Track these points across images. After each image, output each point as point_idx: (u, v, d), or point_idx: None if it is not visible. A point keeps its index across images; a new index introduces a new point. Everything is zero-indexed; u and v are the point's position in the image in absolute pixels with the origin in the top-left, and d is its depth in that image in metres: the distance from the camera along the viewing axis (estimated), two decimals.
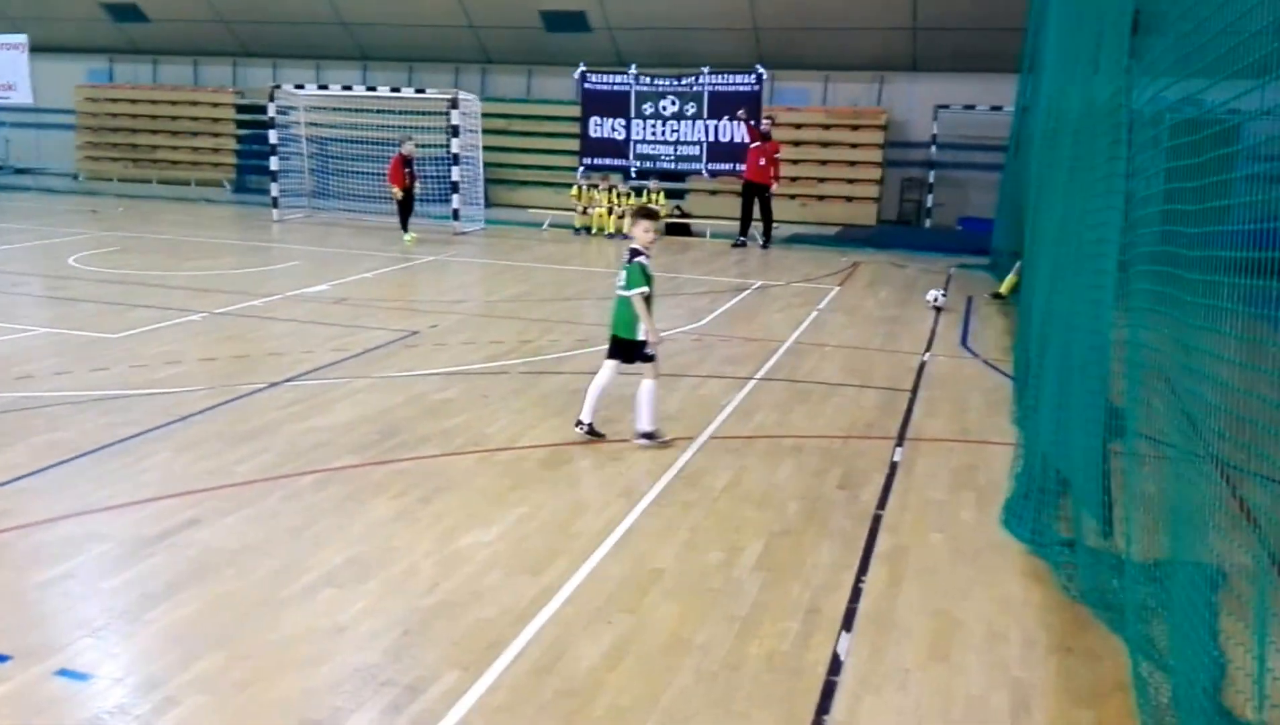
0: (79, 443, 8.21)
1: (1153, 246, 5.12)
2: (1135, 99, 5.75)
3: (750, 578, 6.33)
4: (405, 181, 20.71)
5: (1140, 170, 5.62)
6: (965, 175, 24.25)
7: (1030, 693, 5.18)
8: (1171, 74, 5.05)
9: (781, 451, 8.68)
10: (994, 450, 8.85)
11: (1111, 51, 6.41)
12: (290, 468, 7.85)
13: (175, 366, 10.59)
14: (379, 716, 4.71)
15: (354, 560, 6.29)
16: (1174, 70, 4.99)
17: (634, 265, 8.43)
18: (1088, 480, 6.34)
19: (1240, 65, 3.84)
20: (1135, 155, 5.72)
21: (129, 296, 14.15)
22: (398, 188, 20.71)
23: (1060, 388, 7.11)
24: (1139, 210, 5.53)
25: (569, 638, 5.51)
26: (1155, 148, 5.38)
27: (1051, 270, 8.10)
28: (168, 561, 6.19)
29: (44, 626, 5.42)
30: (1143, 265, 5.28)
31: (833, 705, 5.00)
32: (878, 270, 19.01)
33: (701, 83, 22.61)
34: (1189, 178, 4.49)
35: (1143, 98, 5.60)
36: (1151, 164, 5.41)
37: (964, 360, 12.25)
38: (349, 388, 10.03)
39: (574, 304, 14.82)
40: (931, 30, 23.00)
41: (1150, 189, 5.37)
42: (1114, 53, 6.29)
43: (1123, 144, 5.89)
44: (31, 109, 28.96)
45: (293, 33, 27.68)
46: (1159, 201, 5.11)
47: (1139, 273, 5.35)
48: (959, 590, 6.26)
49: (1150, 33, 5.63)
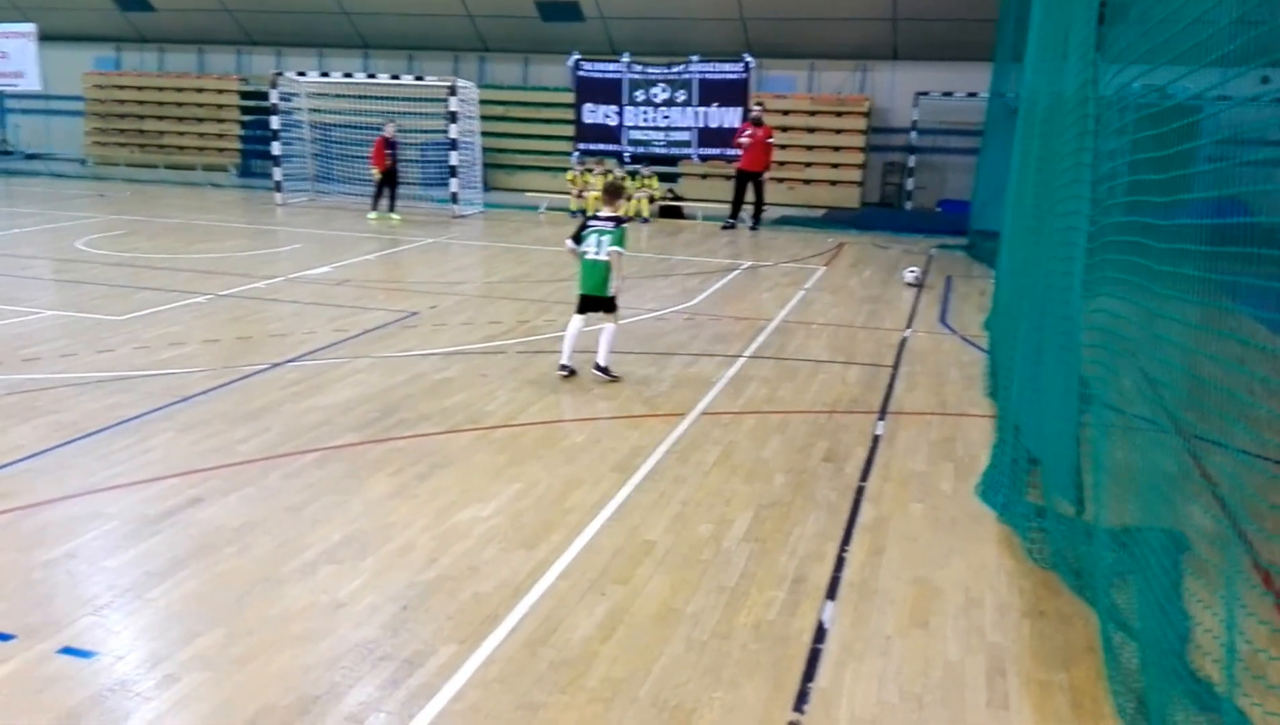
0: (83, 423, 8.33)
1: (1121, 218, 5.26)
2: (1102, 87, 5.88)
3: (739, 549, 6.46)
4: (387, 163, 21.28)
5: (1107, 152, 5.74)
6: (944, 159, 24.86)
7: (1005, 656, 5.32)
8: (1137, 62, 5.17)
9: (769, 426, 8.82)
10: (971, 422, 9.08)
11: (1079, 41, 6.53)
12: (291, 446, 7.96)
13: (179, 348, 10.71)
14: (377, 691, 4.81)
15: (353, 537, 6.40)
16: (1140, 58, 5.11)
17: (620, 229, 9.87)
18: (1059, 459, 6.48)
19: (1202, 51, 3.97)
20: (1103, 139, 5.84)
21: (135, 279, 14.27)
22: (378, 169, 21.37)
23: (1032, 366, 7.25)
24: (1106, 186, 5.66)
25: (563, 610, 5.61)
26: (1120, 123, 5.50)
27: (1023, 251, 8.24)
28: (170, 540, 6.31)
29: (48, 605, 5.52)
30: (1111, 236, 5.41)
31: (817, 672, 5.12)
32: (862, 251, 19.23)
33: (691, 71, 22.83)
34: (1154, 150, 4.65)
35: (1110, 85, 5.72)
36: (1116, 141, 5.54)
37: (943, 336, 12.49)
38: (350, 367, 10.14)
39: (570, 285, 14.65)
40: (911, 20, 23.49)
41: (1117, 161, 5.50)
42: (1082, 43, 6.41)
43: (1090, 134, 6.02)
44: (40, 96, 29.18)
45: (295, 21, 27.74)
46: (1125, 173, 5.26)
47: (1107, 244, 5.48)
48: (937, 559, 6.42)
49: (1116, 23, 5.75)
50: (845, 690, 4.97)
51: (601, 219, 9.97)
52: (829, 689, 4.98)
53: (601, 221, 9.94)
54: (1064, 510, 6.41)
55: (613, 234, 9.74)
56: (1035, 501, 6.87)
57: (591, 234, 9.85)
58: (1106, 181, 5.69)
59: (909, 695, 4.95)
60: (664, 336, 11.86)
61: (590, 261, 9.84)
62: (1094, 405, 5.74)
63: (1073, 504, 6.36)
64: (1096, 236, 5.69)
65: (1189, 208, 4.11)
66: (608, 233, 9.77)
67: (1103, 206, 5.67)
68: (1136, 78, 5.18)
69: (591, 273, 9.85)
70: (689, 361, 10.84)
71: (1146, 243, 4.60)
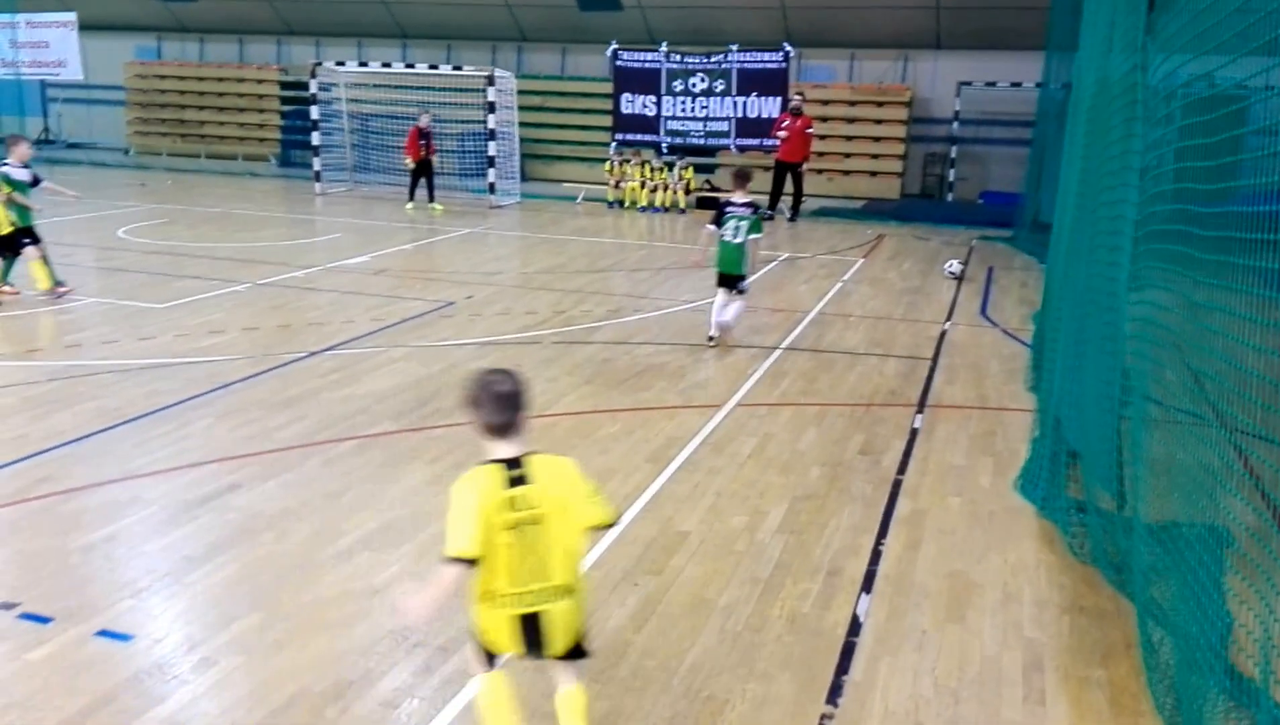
0: (124, 409, 8.43)
1: (1167, 206, 5.17)
2: (1150, 75, 5.78)
3: (773, 541, 6.44)
4: (420, 153, 21.25)
5: (1154, 141, 5.67)
6: (986, 150, 24.60)
7: (1042, 652, 5.27)
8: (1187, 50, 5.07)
9: (806, 418, 8.80)
10: (1011, 416, 9.00)
11: (1127, 28, 6.43)
12: (329, 434, 8.01)
13: (219, 335, 10.80)
14: (411, 677, 4.84)
15: (389, 524, 6.43)
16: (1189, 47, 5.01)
17: (757, 218, 10.90)
18: (1101, 453, 6.40)
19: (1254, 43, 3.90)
20: (1150, 128, 5.76)
21: (176, 267, 14.40)
22: (411, 159, 21.37)
23: (1075, 360, 7.18)
24: (1152, 176, 5.58)
25: (596, 600, 5.58)
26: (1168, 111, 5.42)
27: (1070, 243, 8.16)
28: (208, 525, 6.37)
29: (86, 589, 5.58)
30: (1156, 225, 5.34)
31: (852, 665, 5.10)
32: (901, 243, 19.08)
33: (730, 60, 22.76)
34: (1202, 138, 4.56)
35: (1158, 73, 5.63)
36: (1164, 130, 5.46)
37: (983, 329, 12.40)
38: (386, 357, 10.19)
39: (606, 276, 14.91)
40: (954, 9, 23.22)
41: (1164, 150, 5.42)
42: (1130, 29, 6.31)
43: (1138, 120, 5.92)
44: (82, 85, 29.39)
45: (335, 11, 27.88)
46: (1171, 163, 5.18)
47: (1152, 234, 5.40)
48: (975, 553, 6.38)
49: (1165, 9, 5.64)
50: (879, 684, 4.95)
51: (738, 205, 10.88)
52: (863, 682, 4.96)
53: (739, 208, 10.87)
54: (1105, 504, 6.33)
55: (751, 221, 10.80)
56: (1075, 496, 6.80)
57: (730, 219, 10.82)
58: (1153, 170, 5.61)
59: (944, 689, 4.92)
60: (700, 328, 11.73)
61: (728, 243, 10.82)
62: (1135, 398, 5.67)
63: (1113, 498, 6.29)
64: (1142, 226, 5.62)
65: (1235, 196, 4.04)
66: (746, 220, 10.79)
67: (1149, 196, 5.60)
68: (1184, 65, 5.10)
69: (730, 253, 10.84)
70: (724, 352, 10.84)
71: (1192, 231, 4.53)
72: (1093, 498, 6.45)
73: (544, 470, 3.80)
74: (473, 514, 3.66)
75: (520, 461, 3.78)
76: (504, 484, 3.74)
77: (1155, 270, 5.39)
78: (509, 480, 3.75)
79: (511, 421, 3.76)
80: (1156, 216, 5.37)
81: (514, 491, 3.74)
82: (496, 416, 3.75)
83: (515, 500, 3.74)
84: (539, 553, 3.78)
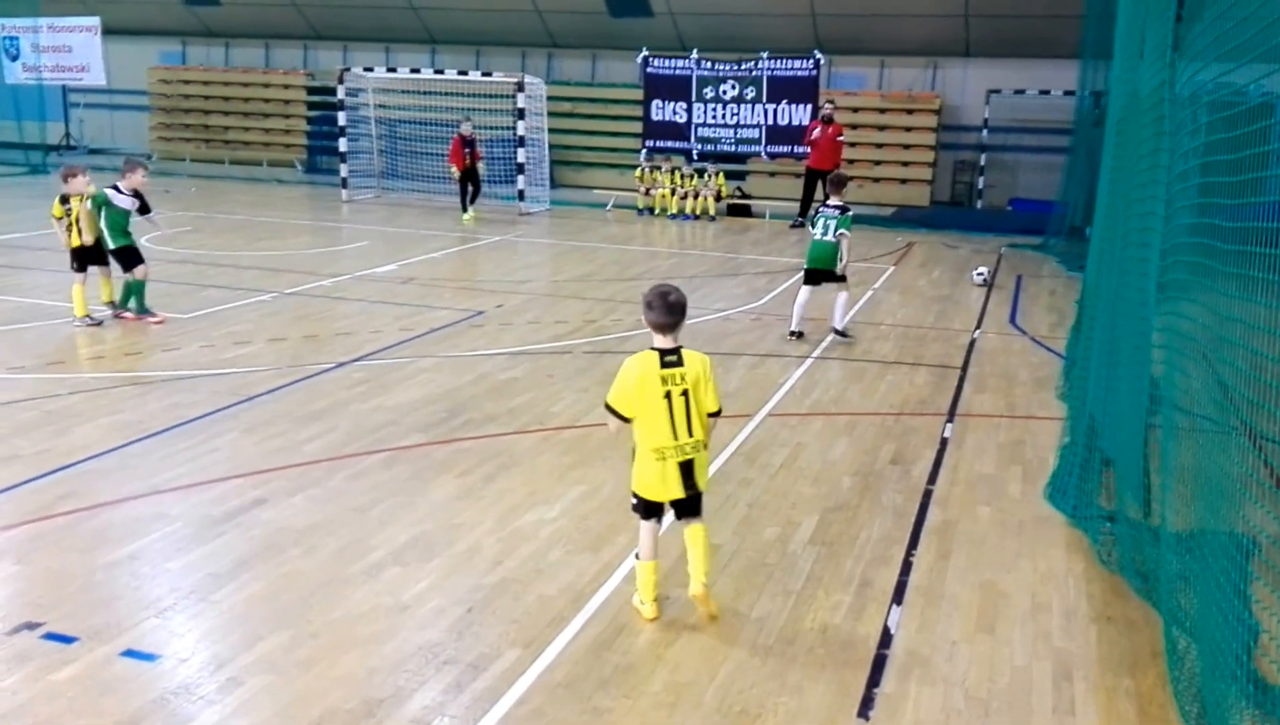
0: (147, 423, 8.38)
1: (1191, 220, 5.22)
2: (1178, 87, 5.82)
3: (805, 552, 6.43)
4: (465, 162, 21.17)
5: (1179, 149, 5.69)
6: (1015, 158, 24.68)
7: (1072, 662, 5.30)
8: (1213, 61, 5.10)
9: (837, 428, 8.78)
10: (1040, 425, 8.99)
11: (1156, 40, 6.44)
12: (357, 447, 7.95)
13: (244, 346, 10.76)
14: (441, 694, 4.79)
15: (418, 539, 6.38)
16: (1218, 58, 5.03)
17: (847, 216, 11.58)
18: (1130, 461, 6.42)
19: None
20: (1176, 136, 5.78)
21: (200, 276, 14.39)
22: (456, 167, 21.30)
23: (1107, 368, 7.20)
24: (1180, 187, 5.60)
25: (628, 614, 5.59)
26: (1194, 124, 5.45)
27: (1102, 252, 8.18)
28: (234, 541, 6.32)
29: (111, 607, 5.53)
30: (1181, 237, 5.37)
31: (883, 677, 5.09)
32: (931, 250, 19.01)
33: (760, 67, 22.76)
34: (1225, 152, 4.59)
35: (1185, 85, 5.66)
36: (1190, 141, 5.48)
37: (1012, 337, 12.37)
38: (416, 367, 10.14)
39: (637, 284, 14.81)
40: (984, 17, 23.24)
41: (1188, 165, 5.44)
42: (1159, 41, 6.32)
43: (1166, 135, 5.95)
44: (105, 90, 29.40)
45: (363, 16, 27.90)
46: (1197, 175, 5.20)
47: (1178, 246, 5.44)
48: (1005, 563, 6.39)
49: (1194, 21, 5.64)
50: (911, 696, 4.95)
51: (830, 207, 11.61)
52: (894, 694, 4.95)
53: (829, 208, 11.58)
54: (1135, 514, 6.35)
55: (840, 219, 11.48)
56: (1105, 505, 6.81)
57: (820, 218, 11.61)
58: (1180, 182, 5.63)
59: (975, 701, 4.91)
60: (731, 336, 11.80)
61: (819, 241, 11.53)
62: (1163, 407, 5.71)
63: (1140, 506, 6.31)
64: (1170, 237, 5.65)
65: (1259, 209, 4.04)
66: (834, 218, 11.49)
67: (1176, 207, 5.63)
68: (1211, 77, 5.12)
69: (819, 250, 11.55)
70: (755, 362, 10.78)
71: (1216, 245, 4.55)
72: (1123, 507, 6.48)
73: (690, 359, 5.36)
74: (632, 383, 5.30)
75: (676, 351, 5.36)
76: (660, 365, 5.31)
77: (1182, 280, 5.42)
78: (664, 362, 5.32)
79: (673, 322, 5.35)
80: (1183, 227, 5.39)
81: (668, 371, 5.31)
82: (663, 317, 5.32)
83: (669, 377, 5.30)
84: (686, 414, 5.32)
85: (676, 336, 5.37)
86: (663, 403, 5.28)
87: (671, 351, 5.34)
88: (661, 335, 5.37)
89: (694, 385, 5.32)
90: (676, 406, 5.30)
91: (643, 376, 5.29)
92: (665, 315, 5.32)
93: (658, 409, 5.29)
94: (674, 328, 5.37)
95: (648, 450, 5.37)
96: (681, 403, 5.30)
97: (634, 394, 5.29)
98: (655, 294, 5.35)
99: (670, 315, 5.31)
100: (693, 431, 5.35)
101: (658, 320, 5.33)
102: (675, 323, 5.35)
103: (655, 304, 5.32)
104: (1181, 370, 5.38)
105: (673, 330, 5.36)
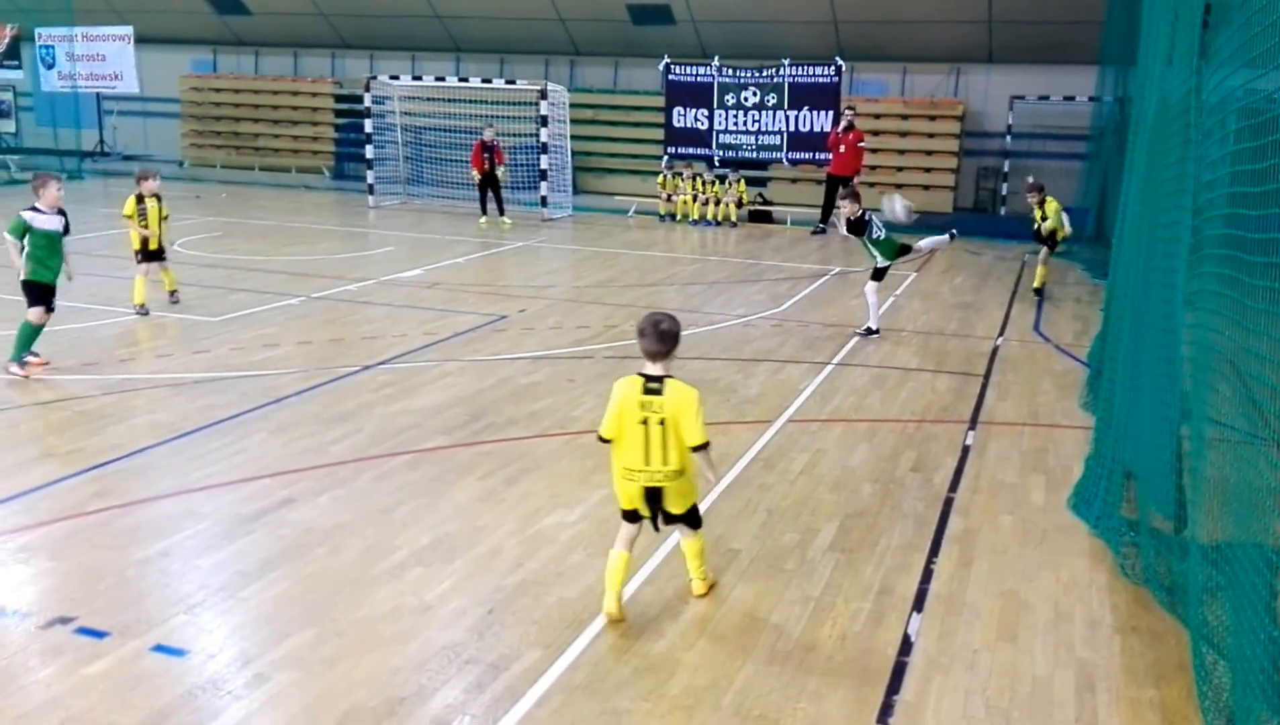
0: (178, 423, 8.52)
1: (1219, 230, 5.17)
2: (1205, 94, 5.76)
3: (824, 559, 6.43)
4: (485, 166, 21.38)
5: (1207, 157, 5.65)
6: (1039, 164, 24.22)
7: (1095, 673, 5.26)
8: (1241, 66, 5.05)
9: (857, 435, 8.77)
10: (1064, 433, 8.94)
11: (1184, 48, 6.39)
12: (382, 448, 8.06)
13: (273, 349, 10.91)
14: (462, 694, 4.86)
15: (441, 540, 6.47)
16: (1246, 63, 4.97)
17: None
18: (1156, 473, 6.36)
19: None
20: (1204, 144, 5.74)
21: (230, 280, 14.56)
22: (477, 171, 21.53)
23: (1133, 378, 7.15)
24: (1207, 196, 5.56)
25: (648, 617, 5.64)
26: (1223, 131, 5.42)
27: (1129, 261, 8.12)
28: (262, 540, 6.43)
29: (141, 603, 5.65)
30: (1211, 247, 5.32)
31: (903, 685, 5.09)
32: (954, 257, 18.88)
33: (782, 74, 22.79)
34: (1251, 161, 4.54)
35: (1212, 93, 5.62)
36: (1219, 149, 5.45)
37: (1036, 345, 12.29)
38: (439, 371, 10.24)
39: (658, 290, 14.91)
40: (1007, 23, 23.14)
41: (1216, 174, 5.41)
42: (1186, 49, 6.28)
43: (1193, 143, 5.91)
44: (138, 98, 29.79)
45: (389, 25, 28.10)
46: (1225, 185, 5.15)
47: (1205, 257, 5.39)
48: (1027, 572, 6.36)
49: (1221, 26, 5.61)
50: (930, 704, 4.94)
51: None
52: (914, 702, 4.95)
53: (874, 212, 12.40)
54: (1159, 525, 6.29)
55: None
56: (1129, 515, 6.75)
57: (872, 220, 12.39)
58: (1207, 191, 5.59)
59: (996, 710, 4.90)
60: (752, 342, 11.83)
61: (883, 239, 12.36)
62: (1193, 419, 5.62)
63: (1171, 519, 6.23)
64: (1198, 247, 5.59)
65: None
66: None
67: (1204, 216, 5.57)
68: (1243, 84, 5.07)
69: (881, 248, 12.40)
70: (776, 368, 10.80)
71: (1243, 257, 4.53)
72: (1146, 518, 6.41)
73: (673, 389, 5.36)
74: (613, 406, 5.40)
75: (660, 379, 5.37)
76: (642, 391, 5.35)
77: (1209, 290, 5.38)
78: (647, 389, 5.35)
79: (664, 350, 5.37)
80: (1211, 237, 5.35)
81: (648, 398, 5.35)
82: (654, 345, 5.35)
83: (647, 404, 5.34)
84: (662, 444, 5.37)
85: (668, 365, 5.41)
86: (639, 428, 5.36)
87: (656, 379, 5.37)
88: (651, 362, 5.40)
89: (672, 417, 5.34)
90: (652, 434, 5.36)
91: (624, 398, 5.39)
92: (656, 343, 5.35)
93: (633, 433, 5.39)
94: (665, 356, 5.40)
95: (619, 467, 5.52)
96: (658, 432, 5.36)
97: (614, 414, 5.41)
98: (648, 322, 5.39)
99: (661, 343, 5.35)
100: (666, 460, 5.40)
101: (649, 347, 5.37)
102: (666, 351, 5.39)
103: (647, 331, 5.37)
104: (1210, 381, 5.34)
105: (663, 358, 5.39)
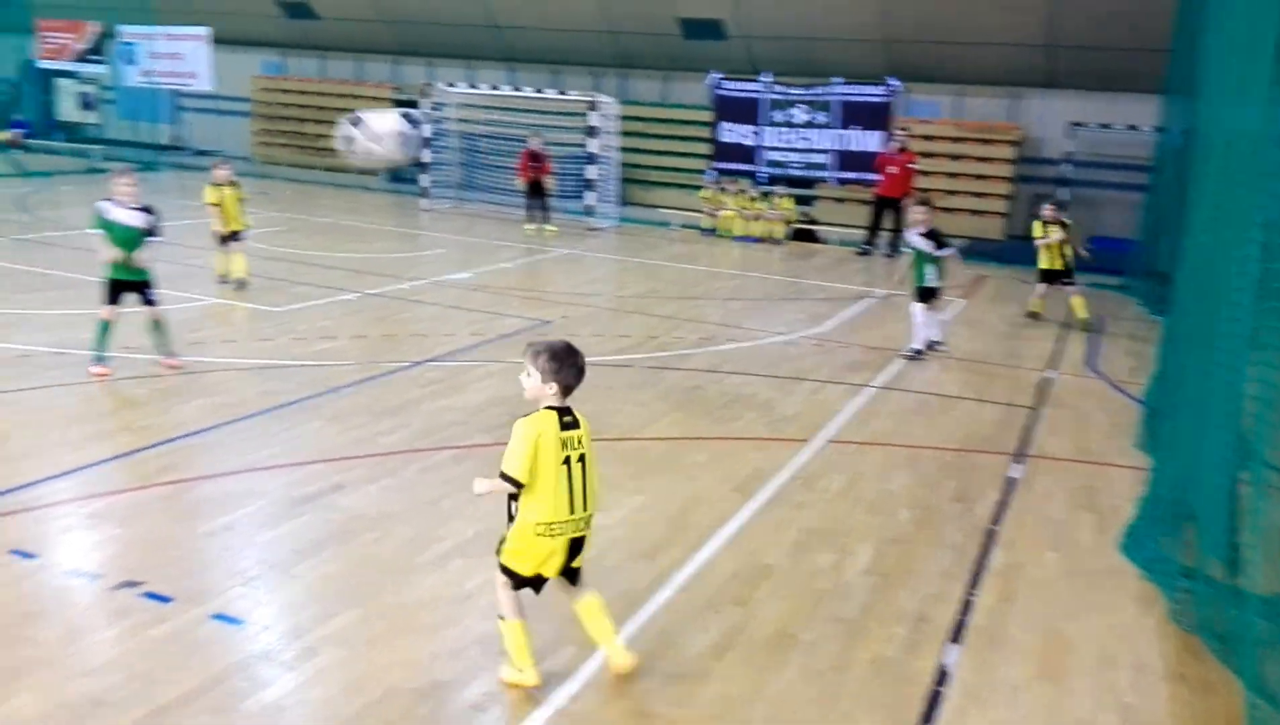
0: (242, 406, 8.89)
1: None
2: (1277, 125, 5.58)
3: (859, 581, 6.41)
4: (530, 175, 21.86)
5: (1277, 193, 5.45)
6: (1098, 194, 23.50)
7: (1140, 719, 5.15)
8: None
9: (897, 460, 8.72)
10: (1116, 473, 8.71)
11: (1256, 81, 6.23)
12: (428, 442, 8.32)
13: (330, 341, 11.26)
14: (496, 685, 5.04)
15: (483, 533, 6.62)
16: None
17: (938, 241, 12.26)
18: (1214, 517, 6.15)
19: None
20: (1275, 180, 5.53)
21: (292, 274, 14.96)
22: (523, 179, 22.08)
23: (1195, 419, 6.91)
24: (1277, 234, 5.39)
25: (679, 624, 5.74)
26: None
27: (1194, 298, 7.86)
28: (315, 522, 6.70)
29: (203, 573, 5.95)
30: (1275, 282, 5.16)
31: (938, 716, 5.06)
32: (1003, 285, 18.56)
33: (833, 92, 22.60)
34: None
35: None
36: None
37: (1088, 380, 12.00)
38: (484, 371, 10.49)
39: (699, 303, 15.05)
40: (1068, 48, 22.54)
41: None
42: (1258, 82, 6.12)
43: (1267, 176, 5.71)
44: (211, 96, 30.76)
45: (448, 34, 28.52)
46: None
47: (1273, 292, 5.23)
48: (1072, 611, 6.23)
49: None
50: None
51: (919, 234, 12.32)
52: None
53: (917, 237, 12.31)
54: (1215, 572, 6.06)
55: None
56: (1185, 561, 6.50)
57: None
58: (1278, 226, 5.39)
59: None
60: (792, 361, 11.84)
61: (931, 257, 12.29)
62: (1254, 463, 5.42)
63: (1224, 565, 6.01)
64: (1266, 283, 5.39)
65: None
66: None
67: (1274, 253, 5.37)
68: None
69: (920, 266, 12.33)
70: (816, 387, 10.80)
71: None
72: (1204, 564, 6.17)
73: (582, 420, 4.95)
74: (529, 447, 4.77)
75: (571, 411, 4.91)
76: (559, 427, 4.84)
77: (1276, 327, 5.21)
78: (563, 425, 4.86)
79: (578, 384, 4.92)
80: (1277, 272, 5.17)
81: (567, 433, 4.87)
82: (573, 380, 4.89)
83: (568, 440, 4.86)
84: (584, 483, 4.93)
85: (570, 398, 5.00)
86: (561, 469, 4.83)
87: (568, 412, 4.89)
88: (563, 397, 4.90)
89: (588, 450, 4.93)
90: (574, 474, 4.87)
91: (543, 437, 4.81)
92: (576, 377, 4.90)
93: (556, 477, 4.83)
94: (574, 390, 4.94)
95: (534, 524, 4.88)
96: (579, 470, 4.88)
97: (527, 454, 4.77)
98: (564, 350, 4.88)
99: (580, 377, 4.91)
100: (587, 505, 4.97)
101: (569, 381, 4.87)
102: (577, 385, 4.94)
103: (566, 362, 4.85)
104: (1274, 423, 5.15)
105: (572, 392, 4.93)
